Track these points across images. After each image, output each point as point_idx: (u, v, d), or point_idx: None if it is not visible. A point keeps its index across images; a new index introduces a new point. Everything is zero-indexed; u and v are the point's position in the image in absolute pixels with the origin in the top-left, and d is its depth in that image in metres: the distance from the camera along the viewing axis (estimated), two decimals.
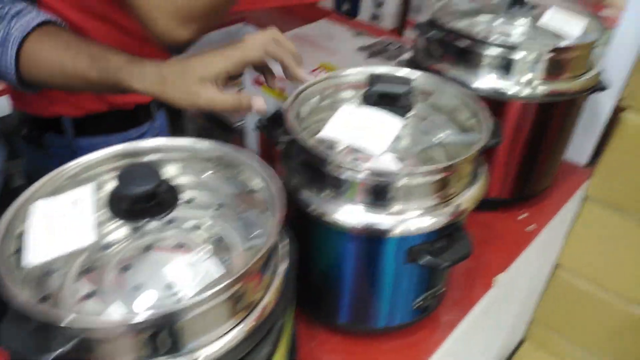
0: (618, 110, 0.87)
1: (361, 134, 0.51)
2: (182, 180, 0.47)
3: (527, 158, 0.79)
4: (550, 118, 0.77)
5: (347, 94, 0.61)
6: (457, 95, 0.60)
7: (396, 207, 0.50)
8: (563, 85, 0.73)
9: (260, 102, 0.52)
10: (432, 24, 0.75)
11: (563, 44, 0.73)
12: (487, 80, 0.73)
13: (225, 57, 0.51)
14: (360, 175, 0.49)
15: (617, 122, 0.87)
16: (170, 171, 0.48)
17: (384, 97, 0.55)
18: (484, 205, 0.83)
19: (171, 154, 0.49)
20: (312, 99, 0.61)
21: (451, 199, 0.53)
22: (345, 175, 0.49)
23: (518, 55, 0.71)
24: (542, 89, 0.72)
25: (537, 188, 0.84)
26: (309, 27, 1.18)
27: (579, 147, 0.96)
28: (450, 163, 0.49)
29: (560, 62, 0.72)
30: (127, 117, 0.79)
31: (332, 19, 1.26)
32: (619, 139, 0.88)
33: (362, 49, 1.09)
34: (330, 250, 0.55)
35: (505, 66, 0.72)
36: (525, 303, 1.07)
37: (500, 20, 0.79)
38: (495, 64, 0.72)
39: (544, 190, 0.86)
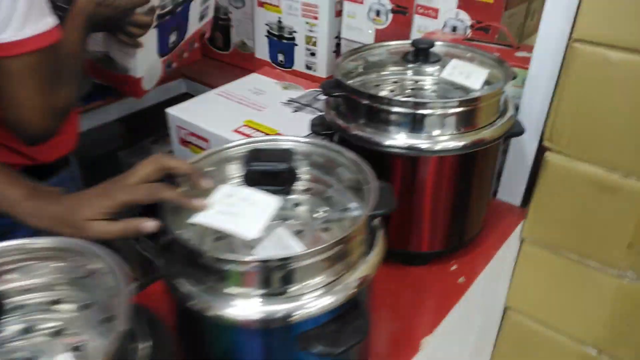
0: (542, 150, 0.85)
1: (234, 217, 0.48)
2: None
3: (450, 210, 0.76)
4: (468, 168, 0.75)
5: (232, 170, 0.59)
6: (347, 162, 0.58)
7: (281, 291, 0.47)
8: (474, 135, 0.71)
9: (150, 224, 0.52)
10: (336, 83, 0.73)
11: (466, 97, 0.71)
12: (399, 138, 0.70)
13: (111, 199, 0.53)
14: (234, 266, 0.46)
15: (542, 163, 0.85)
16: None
17: (265, 175, 0.52)
18: (414, 259, 0.81)
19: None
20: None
21: (341, 276, 0.50)
22: (221, 266, 0.46)
23: (425, 112, 0.68)
24: (453, 142, 0.70)
25: (466, 237, 0.81)
26: (238, 82, 1.16)
27: (510, 188, 0.94)
28: (321, 246, 0.46)
29: (467, 114, 0.70)
30: (46, 168, 0.84)
31: (264, 72, 1.24)
32: (545, 180, 0.85)
33: (290, 102, 1.08)
34: (212, 347, 0.50)
35: (414, 123, 0.69)
36: (478, 351, 1.03)
37: (406, 74, 0.78)
38: (403, 122, 0.69)
39: (475, 237, 0.84)
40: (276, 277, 0.46)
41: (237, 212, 0.48)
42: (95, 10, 0.83)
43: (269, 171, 0.51)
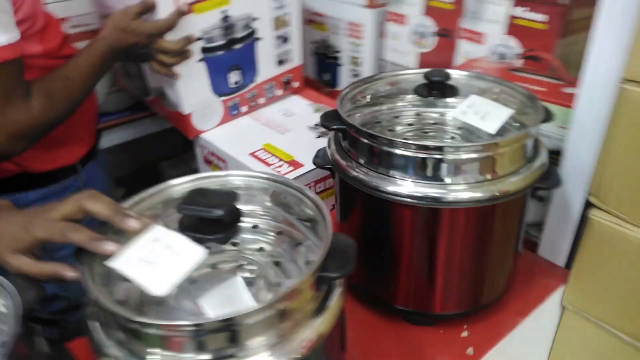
0: (588, 206, 0.72)
1: (149, 267, 0.42)
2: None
3: (460, 269, 0.66)
4: (484, 222, 0.64)
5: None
6: (308, 204, 0.51)
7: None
8: (493, 185, 0.60)
9: (70, 273, 0.49)
10: (336, 114, 0.65)
11: (480, 141, 0.61)
12: (403, 185, 0.60)
13: (27, 234, 0.50)
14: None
15: (587, 222, 0.71)
16: None
17: (202, 220, 0.46)
18: (418, 319, 0.71)
19: None
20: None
21: (277, 343, 0.42)
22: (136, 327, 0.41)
23: (433, 155, 0.58)
24: (468, 193, 0.59)
25: (482, 300, 0.70)
26: (274, 105, 1.12)
27: (553, 246, 0.81)
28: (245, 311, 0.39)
29: (484, 160, 0.59)
30: (47, 175, 0.85)
31: (305, 93, 1.19)
32: (589, 242, 0.72)
33: (317, 126, 1.02)
34: None
35: (421, 168, 0.59)
36: None
37: (417, 109, 0.69)
38: (408, 166, 0.60)
39: (498, 299, 0.72)
40: (201, 340, 0.40)
41: (155, 260, 0.42)
42: (119, 37, 0.83)
43: (202, 217, 0.45)
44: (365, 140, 0.62)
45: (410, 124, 0.73)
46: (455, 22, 0.97)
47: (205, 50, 0.96)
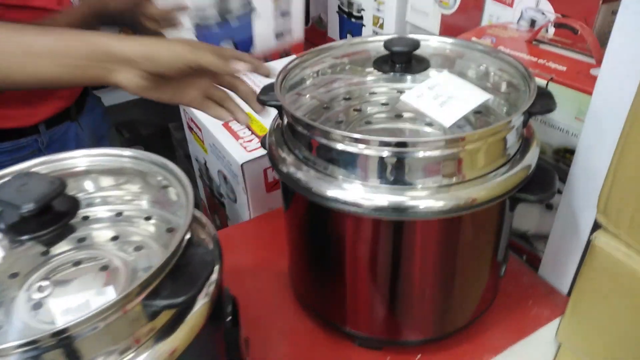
0: (595, 227, 0.55)
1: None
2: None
3: (411, 289, 0.52)
4: (445, 235, 0.50)
5: None
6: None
7: None
8: (458, 191, 0.46)
9: (243, 66, 0.57)
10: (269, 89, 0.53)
11: (437, 137, 0.46)
12: (348, 189, 0.46)
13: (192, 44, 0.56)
14: None
15: (590, 245, 0.55)
16: None
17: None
18: (365, 342, 0.59)
19: None
20: None
21: None
22: None
23: (376, 152, 0.44)
24: (425, 201, 0.45)
25: (440, 329, 0.57)
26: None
27: (555, 268, 0.65)
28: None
29: (446, 160, 0.45)
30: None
31: None
32: (590, 270, 0.56)
33: None
34: None
35: (368, 168, 0.46)
36: None
37: (394, 85, 0.54)
38: (351, 165, 0.46)
39: (467, 327, 0.58)
40: None
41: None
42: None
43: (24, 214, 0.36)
44: (300, 128, 0.49)
45: (384, 104, 0.58)
46: None
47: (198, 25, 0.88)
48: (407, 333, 0.56)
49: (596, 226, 0.56)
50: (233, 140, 0.78)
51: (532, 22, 0.73)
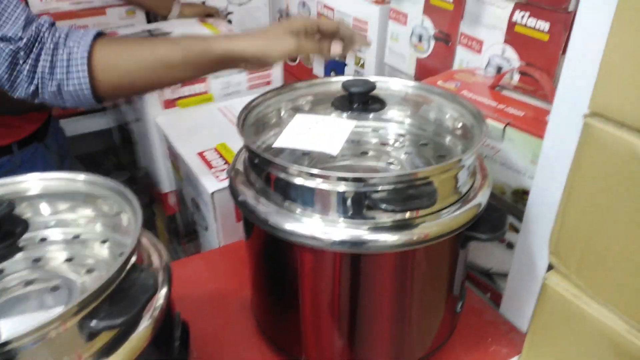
0: (550, 267, 0.57)
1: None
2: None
3: (357, 322, 0.53)
4: (398, 272, 0.51)
5: None
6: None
7: None
8: (411, 229, 0.47)
9: (338, 47, 0.63)
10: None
11: (390, 173, 0.49)
12: (305, 223, 0.47)
13: (303, 17, 0.66)
14: None
15: (542, 286, 0.56)
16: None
17: None
18: None
19: None
20: None
21: None
22: None
23: (341, 189, 0.46)
24: (379, 235, 0.47)
25: None
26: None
27: (513, 306, 0.66)
28: None
29: (396, 194, 0.46)
30: None
31: None
32: (542, 312, 0.56)
33: None
34: None
35: (325, 203, 0.47)
36: None
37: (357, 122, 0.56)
38: (307, 199, 0.48)
39: None
40: None
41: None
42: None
43: None
44: (256, 161, 0.51)
45: (349, 141, 0.60)
46: (454, 24, 0.83)
47: None
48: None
49: (550, 267, 0.57)
50: (206, 169, 0.79)
51: (499, 69, 0.77)
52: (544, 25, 0.68)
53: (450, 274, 0.55)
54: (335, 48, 0.63)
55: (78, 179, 0.45)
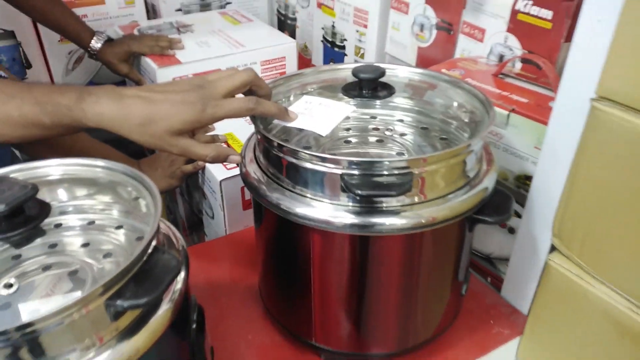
0: (552, 250, 0.58)
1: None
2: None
3: (368, 303, 0.54)
4: (407, 253, 0.52)
5: None
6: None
7: None
8: (419, 211, 0.48)
9: (237, 156, 0.56)
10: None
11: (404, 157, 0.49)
12: (317, 207, 0.49)
13: (198, 110, 0.50)
14: None
15: (545, 267, 0.58)
16: None
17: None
18: (323, 353, 0.61)
19: None
20: None
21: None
22: None
23: (350, 172, 0.46)
24: (389, 219, 0.47)
25: (402, 344, 0.59)
26: None
27: (515, 289, 0.67)
28: None
29: (402, 179, 0.47)
30: None
31: None
32: (545, 292, 0.58)
33: None
34: None
35: (334, 187, 0.48)
36: None
37: (361, 110, 0.57)
38: (317, 183, 0.49)
39: (428, 343, 0.60)
40: None
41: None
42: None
43: None
44: (267, 146, 0.52)
45: (347, 129, 0.61)
46: (457, 13, 0.83)
47: None
48: (372, 346, 0.58)
49: (552, 249, 0.59)
50: None
51: (501, 57, 0.78)
52: (547, 14, 0.69)
53: (456, 257, 0.56)
54: (234, 157, 0.57)
55: (97, 165, 0.45)
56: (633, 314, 0.49)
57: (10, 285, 0.40)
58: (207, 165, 0.79)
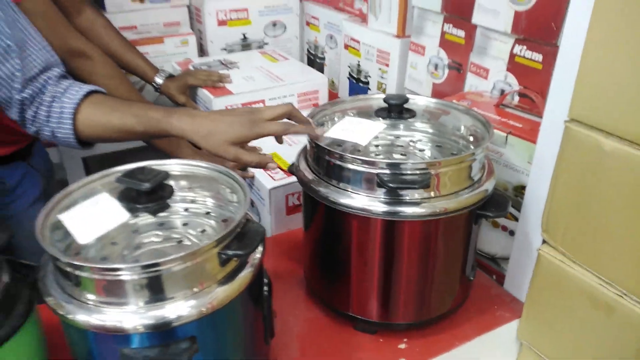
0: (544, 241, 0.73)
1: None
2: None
3: (396, 279, 0.69)
4: (424, 237, 0.67)
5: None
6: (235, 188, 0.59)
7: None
8: (435, 203, 0.64)
9: (274, 164, 0.74)
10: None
11: (418, 161, 0.65)
12: (354, 197, 0.65)
13: (248, 128, 0.69)
14: None
15: (537, 258, 0.72)
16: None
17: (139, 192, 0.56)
18: (360, 325, 0.75)
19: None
20: None
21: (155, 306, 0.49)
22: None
23: (384, 171, 0.62)
24: (411, 208, 0.63)
25: (420, 316, 0.73)
26: None
27: (514, 281, 0.81)
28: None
29: (422, 178, 0.63)
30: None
31: None
32: (538, 279, 0.72)
33: None
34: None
35: (370, 182, 0.64)
36: None
37: (388, 131, 0.74)
38: (358, 179, 0.65)
39: (438, 321, 0.74)
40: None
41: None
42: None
43: (132, 188, 0.54)
44: (318, 153, 0.69)
45: (377, 145, 0.77)
46: (465, 55, 1.00)
47: None
48: (396, 317, 0.72)
49: (543, 242, 0.73)
50: (262, 171, 0.96)
51: (502, 91, 0.94)
52: (538, 57, 0.85)
53: (465, 244, 0.71)
54: (272, 165, 0.74)
55: (202, 166, 0.62)
56: (604, 290, 0.63)
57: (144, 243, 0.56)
58: (257, 175, 0.95)
